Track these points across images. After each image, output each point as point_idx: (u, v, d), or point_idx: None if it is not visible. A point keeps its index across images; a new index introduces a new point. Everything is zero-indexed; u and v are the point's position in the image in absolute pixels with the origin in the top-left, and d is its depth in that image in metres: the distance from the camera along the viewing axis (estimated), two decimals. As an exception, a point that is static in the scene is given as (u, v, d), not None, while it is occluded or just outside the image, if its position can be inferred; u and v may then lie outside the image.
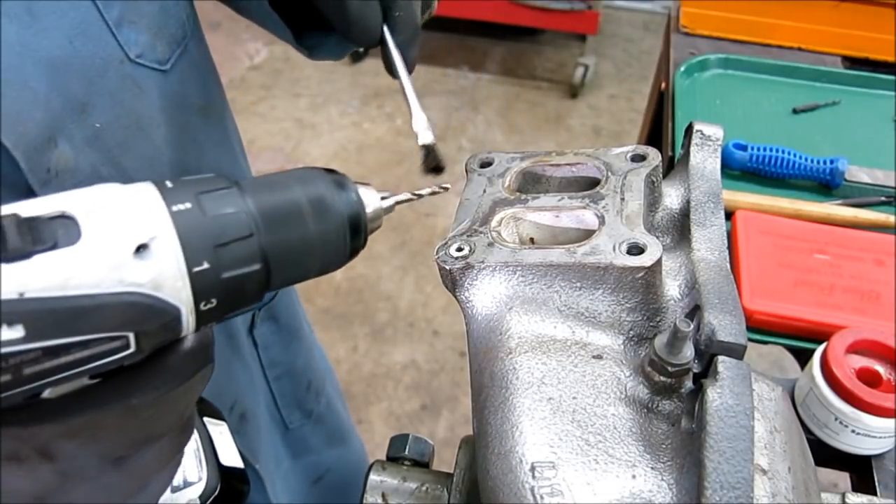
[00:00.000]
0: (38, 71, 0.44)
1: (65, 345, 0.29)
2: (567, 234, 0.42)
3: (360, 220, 0.39)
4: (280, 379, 0.80)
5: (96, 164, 0.48)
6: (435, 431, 1.90)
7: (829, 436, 0.63)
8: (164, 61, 0.53)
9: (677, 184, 0.46)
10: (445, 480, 0.44)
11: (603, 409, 0.34)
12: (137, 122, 0.51)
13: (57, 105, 0.45)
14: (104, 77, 0.48)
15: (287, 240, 0.36)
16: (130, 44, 0.50)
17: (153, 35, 0.52)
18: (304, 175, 0.39)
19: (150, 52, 0.52)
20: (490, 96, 3.02)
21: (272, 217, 0.35)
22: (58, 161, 0.46)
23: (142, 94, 0.51)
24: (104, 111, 0.48)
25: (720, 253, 0.41)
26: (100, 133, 0.48)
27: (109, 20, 0.48)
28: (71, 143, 0.46)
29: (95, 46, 0.47)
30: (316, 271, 0.39)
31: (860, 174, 0.93)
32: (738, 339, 0.34)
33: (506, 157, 0.48)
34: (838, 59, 1.17)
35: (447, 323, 2.15)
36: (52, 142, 0.45)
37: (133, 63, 0.50)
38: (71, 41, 0.46)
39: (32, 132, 0.44)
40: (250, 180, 0.37)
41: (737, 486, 0.29)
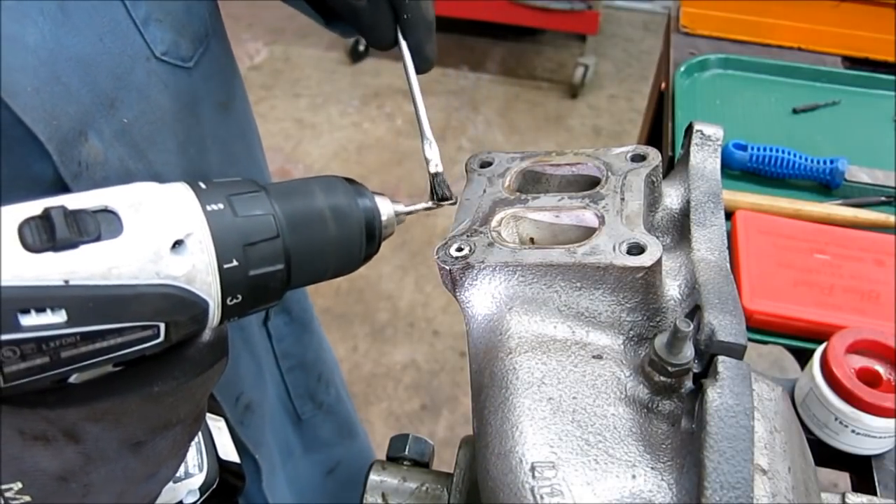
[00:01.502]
0: (69, 67, 0.45)
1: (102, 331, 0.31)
2: (567, 234, 0.42)
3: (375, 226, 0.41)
4: (293, 370, 0.82)
5: (124, 158, 0.50)
6: (435, 431, 1.90)
7: (829, 436, 0.63)
8: (188, 58, 0.55)
9: (677, 184, 0.46)
10: (445, 480, 0.44)
11: (603, 409, 0.34)
12: (162, 118, 0.53)
13: (87, 100, 0.47)
14: (132, 73, 0.50)
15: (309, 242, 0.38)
16: (156, 41, 0.51)
17: (177, 33, 0.53)
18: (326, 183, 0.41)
19: (174, 50, 0.53)
20: (490, 96, 3.02)
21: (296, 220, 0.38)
22: (88, 155, 0.47)
23: (167, 91, 0.53)
24: (131, 107, 0.50)
25: (720, 253, 0.41)
26: (127, 128, 0.50)
27: (137, 18, 0.50)
28: (100, 137, 0.48)
29: (123, 44, 0.49)
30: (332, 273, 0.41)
31: (860, 174, 0.92)
32: (738, 339, 0.34)
33: (506, 157, 0.48)
34: (838, 59, 1.17)
35: (447, 323, 2.14)
36: (82, 136, 0.46)
37: (158, 60, 0.52)
38: (101, 38, 0.47)
39: (65, 126, 0.45)
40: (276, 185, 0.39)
41: (737, 486, 0.29)
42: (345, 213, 0.40)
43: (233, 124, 0.63)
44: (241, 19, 3.42)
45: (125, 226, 0.32)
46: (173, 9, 0.53)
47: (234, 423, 0.68)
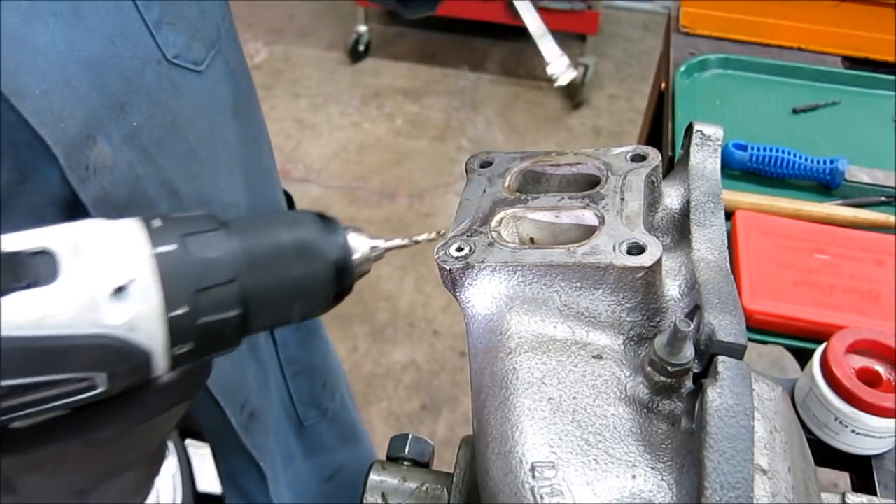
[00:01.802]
0: (80, 70, 0.45)
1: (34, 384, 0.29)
2: (567, 234, 0.42)
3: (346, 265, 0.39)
4: (297, 376, 0.81)
5: (133, 163, 0.49)
6: (435, 431, 1.90)
7: (829, 436, 0.63)
8: (200, 62, 0.55)
9: (677, 184, 0.46)
10: (445, 480, 0.44)
11: (603, 409, 0.34)
12: (173, 122, 0.52)
13: (97, 103, 0.46)
14: (142, 77, 0.49)
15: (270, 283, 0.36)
16: (168, 45, 0.51)
17: (190, 36, 0.53)
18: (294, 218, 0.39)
19: (186, 53, 0.53)
20: (490, 96, 3.01)
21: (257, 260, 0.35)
22: (96, 159, 0.47)
23: (178, 94, 0.52)
24: (141, 110, 0.49)
25: (720, 253, 0.41)
26: (137, 132, 0.49)
27: (149, 21, 0.49)
28: (109, 141, 0.47)
29: (135, 47, 0.48)
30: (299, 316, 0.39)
31: (860, 174, 0.92)
32: (738, 339, 0.34)
33: (506, 157, 0.48)
34: (838, 59, 1.17)
35: (447, 323, 2.14)
36: (91, 139, 0.46)
37: (170, 63, 0.51)
38: (112, 41, 0.47)
39: (73, 130, 0.45)
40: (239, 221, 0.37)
41: (737, 486, 0.29)
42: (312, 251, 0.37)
43: (243, 129, 0.63)
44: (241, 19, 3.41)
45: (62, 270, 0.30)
46: (187, 12, 0.53)
47: (239, 430, 0.67)
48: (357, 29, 3.13)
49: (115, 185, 0.48)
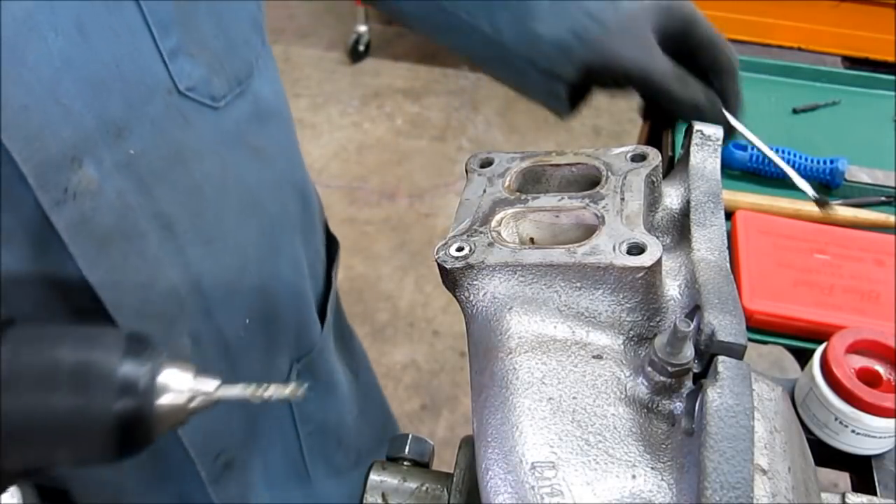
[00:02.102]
0: (76, 88, 0.43)
1: None
2: (567, 234, 0.42)
3: (141, 409, 0.31)
4: (312, 435, 0.77)
5: (123, 191, 0.47)
6: (435, 431, 1.90)
7: (829, 436, 0.63)
8: (219, 98, 0.52)
9: (677, 184, 0.46)
10: (445, 480, 0.44)
11: (603, 409, 0.34)
12: (178, 154, 0.50)
13: (90, 125, 0.44)
14: (148, 104, 0.47)
15: (29, 409, 0.29)
16: (182, 75, 0.49)
17: (211, 70, 0.51)
18: (92, 334, 0.33)
19: (203, 87, 0.50)
20: (490, 96, 3.02)
21: (20, 378, 0.29)
22: (79, 183, 0.44)
23: (187, 127, 0.50)
24: (142, 138, 0.47)
25: (720, 253, 0.41)
26: (133, 159, 0.47)
27: (164, 49, 0.47)
28: (98, 166, 0.45)
29: (143, 73, 0.46)
30: (65, 458, 0.32)
31: (860, 174, 0.92)
32: (738, 339, 0.34)
33: (506, 157, 0.48)
34: (838, 59, 1.17)
35: (447, 323, 2.14)
36: (75, 162, 0.44)
37: (182, 95, 0.49)
38: (118, 64, 0.45)
39: (53, 149, 0.42)
40: (26, 327, 0.32)
41: (737, 486, 0.29)
42: (95, 380, 0.30)
43: (265, 171, 0.60)
44: (241, 19, 3.41)
45: None
46: (212, 45, 0.50)
47: (208, 480, 0.63)
48: (357, 29, 3.13)
49: (98, 212, 0.46)
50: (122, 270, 0.49)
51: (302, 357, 0.72)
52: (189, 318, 0.55)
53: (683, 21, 0.60)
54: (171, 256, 0.52)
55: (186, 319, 0.55)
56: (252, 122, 0.57)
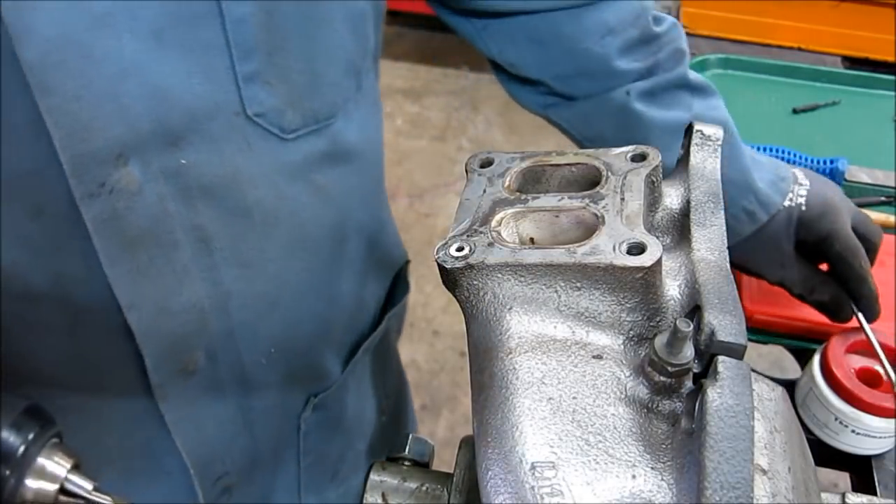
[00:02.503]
0: (139, 91, 0.43)
1: None
2: (567, 234, 0.42)
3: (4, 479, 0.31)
4: (312, 467, 0.76)
5: (164, 197, 0.47)
6: (435, 431, 1.90)
7: (829, 436, 0.63)
8: (289, 130, 0.51)
9: (677, 184, 0.46)
10: (445, 480, 0.44)
11: (603, 409, 0.34)
12: (232, 175, 0.49)
13: (145, 129, 0.44)
14: (211, 121, 0.47)
15: None
16: (254, 101, 0.48)
17: (287, 103, 0.50)
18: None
19: (274, 116, 0.50)
20: (490, 96, 3.02)
21: None
22: (118, 180, 0.44)
23: (248, 151, 0.49)
24: (198, 152, 0.47)
25: (720, 253, 0.41)
26: (183, 169, 0.47)
27: (239, 72, 0.46)
28: (145, 168, 0.45)
29: (213, 90, 0.46)
30: None
31: (860, 174, 0.93)
32: (738, 339, 0.34)
33: (506, 157, 0.48)
34: (838, 59, 1.17)
35: (447, 323, 2.15)
36: (121, 159, 0.44)
37: (248, 119, 0.48)
38: (189, 76, 0.45)
39: (98, 143, 0.43)
40: None
41: (737, 486, 0.29)
42: None
43: (325, 210, 0.58)
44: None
45: None
46: (295, 79, 0.50)
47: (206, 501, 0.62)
48: (357, 29, 3.13)
49: (132, 212, 0.46)
50: (145, 273, 0.49)
51: (320, 392, 0.71)
52: (209, 334, 0.55)
53: (821, 237, 0.66)
54: (201, 271, 0.51)
55: (205, 335, 0.54)
56: (323, 162, 0.55)
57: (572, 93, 0.68)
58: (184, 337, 0.53)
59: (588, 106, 0.68)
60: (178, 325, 0.52)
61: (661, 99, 0.67)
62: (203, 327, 0.54)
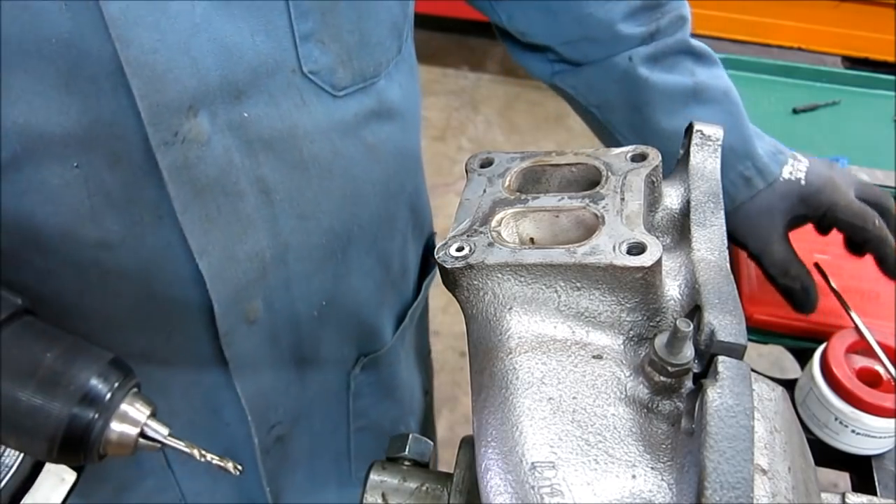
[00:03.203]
0: (208, 46, 0.45)
1: None
2: (567, 234, 0.42)
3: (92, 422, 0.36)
4: (362, 431, 0.77)
5: (230, 148, 0.49)
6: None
7: (829, 436, 0.63)
8: (340, 88, 0.54)
9: (677, 184, 0.46)
10: (445, 480, 0.44)
11: (603, 409, 0.34)
12: (290, 130, 0.52)
13: (214, 82, 0.46)
14: (271, 77, 0.49)
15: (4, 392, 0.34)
16: (309, 59, 0.50)
17: (338, 61, 0.52)
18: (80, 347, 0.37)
19: (327, 74, 0.52)
20: (490, 96, 3.02)
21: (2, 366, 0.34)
22: (189, 130, 0.47)
23: (304, 107, 0.52)
24: (258, 106, 0.49)
25: (720, 253, 0.41)
26: (246, 122, 0.49)
27: (297, 31, 0.49)
28: (212, 119, 0.48)
29: (273, 48, 0.48)
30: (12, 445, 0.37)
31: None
32: (738, 339, 0.34)
33: (506, 157, 0.48)
34: (838, 59, 1.17)
35: (447, 323, 2.14)
36: (192, 110, 0.46)
37: (304, 76, 0.51)
38: (252, 35, 0.47)
39: (172, 94, 0.45)
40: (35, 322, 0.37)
41: (737, 486, 0.29)
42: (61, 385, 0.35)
43: (375, 168, 0.61)
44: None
45: None
46: (346, 38, 0.52)
47: (261, 449, 0.65)
48: (357, 29, 3.13)
49: (202, 162, 0.48)
50: (215, 220, 0.51)
51: (370, 353, 0.73)
52: (268, 284, 0.57)
53: (821, 209, 0.65)
54: (263, 221, 0.54)
55: (265, 284, 0.57)
56: (371, 119, 0.58)
57: (578, 58, 0.69)
58: (247, 285, 0.55)
59: (593, 72, 0.69)
60: (243, 272, 0.55)
61: (664, 63, 0.68)
62: (263, 276, 0.56)
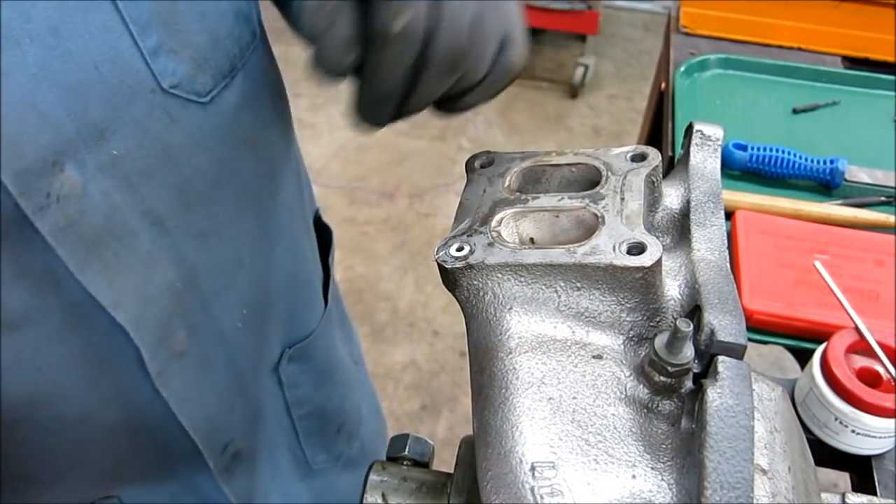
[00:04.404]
0: (53, 94, 0.42)
1: None
2: (567, 234, 0.42)
3: None
4: (306, 418, 0.77)
5: (109, 192, 0.47)
6: (435, 431, 1.90)
7: (829, 436, 0.63)
8: (204, 93, 0.51)
9: (677, 184, 0.46)
10: (445, 480, 0.44)
11: (603, 409, 0.34)
12: (165, 152, 0.49)
13: (70, 129, 0.44)
14: (130, 104, 0.46)
15: None
16: (166, 74, 0.48)
17: (195, 66, 0.50)
18: None
19: (187, 83, 0.50)
20: (490, 96, 3.01)
21: None
22: (61, 186, 0.44)
23: (173, 125, 0.49)
24: (126, 138, 0.47)
25: (720, 253, 0.41)
26: (118, 160, 0.47)
27: (144, 48, 0.46)
28: (81, 168, 0.45)
29: (123, 74, 0.45)
30: None
31: (860, 174, 0.93)
32: (738, 339, 0.34)
33: (506, 157, 0.48)
34: (838, 59, 1.17)
35: (447, 323, 2.14)
36: (57, 166, 0.43)
37: (165, 93, 0.48)
38: (96, 66, 0.44)
39: (31, 155, 0.42)
40: None
41: (737, 486, 0.29)
42: None
43: (260, 162, 0.60)
44: (241, 19, 3.42)
45: None
46: (194, 41, 0.50)
47: (219, 472, 0.64)
48: (357, 29, 3.13)
49: (85, 214, 0.46)
50: (116, 270, 0.49)
51: (295, 343, 0.73)
52: (186, 312, 0.56)
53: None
54: (164, 252, 0.52)
55: (184, 314, 0.55)
56: (241, 114, 0.56)
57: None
58: (167, 320, 0.54)
59: None
60: (160, 309, 0.53)
61: None
62: (180, 307, 0.55)
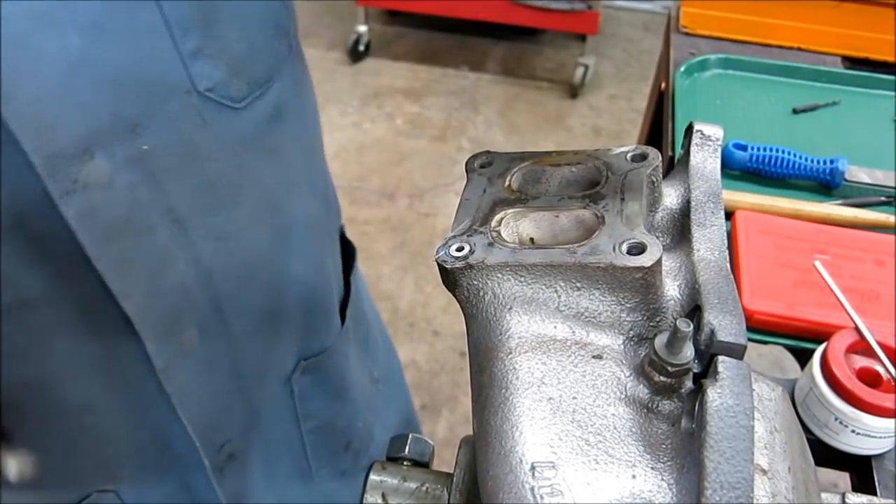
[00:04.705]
0: (91, 84, 0.43)
1: None
2: (567, 234, 0.42)
3: None
4: (314, 432, 0.77)
5: (134, 184, 0.48)
6: (435, 431, 1.90)
7: (829, 436, 0.63)
8: (239, 100, 0.53)
9: (677, 184, 0.46)
10: (445, 480, 0.44)
11: (603, 409, 0.34)
12: (193, 153, 0.51)
13: (104, 120, 0.45)
14: (165, 103, 0.48)
15: None
16: (202, 77, 0.49)
17: (231, 73, 0.51)
18: None
19: (222, 88, 0.51)
20: (490, 96, 3.02)
21: None
22: (88, 174, 0.45)
23: (204, 127, 0.51)
24: (157, 135, 0.48)
25: (720, 253, 0.41)
26: (146, 155, 0.48)
27: (183, 50, 0.47)
28: (110, 159, 0.46)
29: (161, 72, 0.47)
30: None
31: (860, 174, 0.93)
32: (738, 339, 0.34)
33: (506, 157, 0.48)
34: (838, 59, 1.17)
35: (447, 323, 2.15)
36: (87, 153, 0.44)
37: (200, 95, 0.49)
38: (136, 62, 0.45)
39: (64, 140, 0.43)
40: None
41: (737, 486, 0.29)
42: None
43: (282, 173, 0.60)
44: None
45: None
46: (233, 48, 0.51)
47: (213, 470, 0.64)
48: (357, 29, 3.13)
49: (108, 204, 0.47)
50: (131, 261, 0.50)
51: (310, 356, 0.73)
52: (198, 311, 0.56)
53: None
54: (181, 250, 0.53)
55: (195, 312, 0.56)
56: (271, 124, 0.57)
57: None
58: (177, 317, 0.54)
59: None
60: (170, 305, 0.54)
61: None
62: (191, 305, 0.55)
